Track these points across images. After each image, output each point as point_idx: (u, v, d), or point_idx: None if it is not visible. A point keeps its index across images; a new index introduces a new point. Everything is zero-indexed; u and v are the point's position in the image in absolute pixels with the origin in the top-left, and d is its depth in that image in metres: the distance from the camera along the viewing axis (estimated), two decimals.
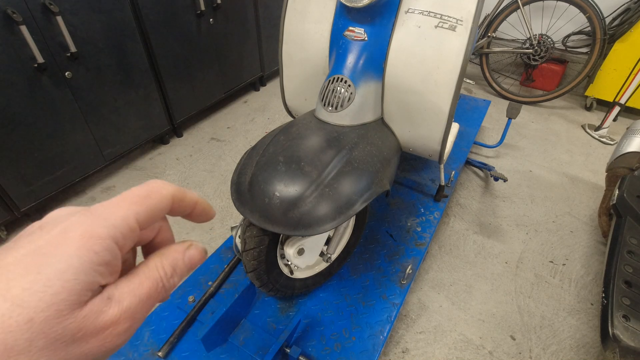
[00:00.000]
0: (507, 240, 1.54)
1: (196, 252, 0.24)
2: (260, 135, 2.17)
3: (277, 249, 0.96)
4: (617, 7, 2.22)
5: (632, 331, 0.86)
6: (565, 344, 1.18)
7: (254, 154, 0.90)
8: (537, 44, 2.39)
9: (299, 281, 1.06)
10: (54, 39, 1.37)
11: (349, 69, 0.96)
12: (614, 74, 2.25)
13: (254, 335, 1.00)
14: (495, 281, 1.37)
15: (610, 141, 2.15)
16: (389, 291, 1.13)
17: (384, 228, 1.35)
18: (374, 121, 1.04)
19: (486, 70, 2.55)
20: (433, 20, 0.92)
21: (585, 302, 1.30)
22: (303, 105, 1.25)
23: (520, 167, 1.95)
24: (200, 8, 1.87)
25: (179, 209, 0.24)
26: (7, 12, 1.21)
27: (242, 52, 2.32)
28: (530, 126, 2.30)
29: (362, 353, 0.99)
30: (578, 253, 1.48)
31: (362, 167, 0.87)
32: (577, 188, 1.82)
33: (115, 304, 0.19)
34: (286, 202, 0.78)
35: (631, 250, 1.05)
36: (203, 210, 0.26)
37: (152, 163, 1.96)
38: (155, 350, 0.97)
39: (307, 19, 1.07)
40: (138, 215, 0.21)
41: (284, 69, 1.20)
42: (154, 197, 0.22)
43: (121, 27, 1.59)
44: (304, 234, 0.79)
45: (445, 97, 0.95)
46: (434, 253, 1.47)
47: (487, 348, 1.17)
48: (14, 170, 1.41)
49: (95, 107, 1.61)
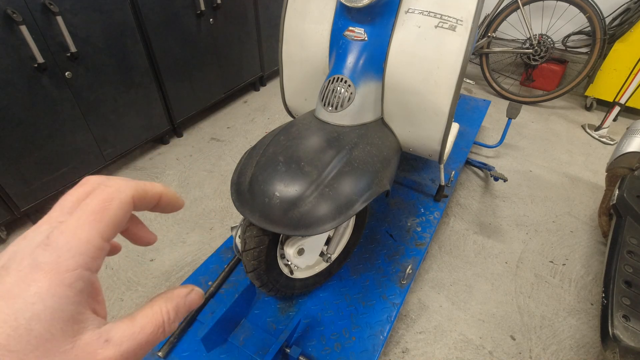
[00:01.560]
0: (507, 240, 1.54)
1: (197, 297, 0.24)
2: (260, 135, 2.17)
3: (277, 249, 0.96)
4: (617, 7, 2.22)
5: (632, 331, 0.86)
6: (565, 344, 1.18)
7: (254, 154, 0.90)
8: (537, 44, 2.39)
9: (299, 281, 1.06)
10: (54, 39, 1.37)
11: (349, 69, 0.96)
12: (614, 74, 2.25)
13: (254, 335, 1.00)
14: (495, 281, 1.37)
15: (610, 141, 2.15)
16: (389, 291, 1.13)
17: (384, 228, 1.35)
18: (374, 121, 1.04)
19: (486, 70, 2.55)
20: (433, 20, 0.92)
21: (585, 302, 1.30)
22: (303, 105, 1.25)
23: (520, 167, 1.95)
24: (200, 8, 1.87)
25: (142, 206, 0.23)
26: (7, 12, 1.21)
27: (242, 52, 2.32)
28: (530, 126, 2.30)
29: (362, 353, 0.99)
30: (578, 253, 1.48)
31: (362, 167, 0.87)
32: (577, 188, 1.82)
33: (113, 346, 0.19)
34: (286, 202, 0.78)
35: (631, 250, 1.05)
36: (169, 201, 0.25)
37: (152, 163, 1.96)
38: (155, 350, 0.97)
39: (307, 19, 1.07)
40: (102, 233, 0.20)
41: (284, 69, 1.20)
42: (113, 207, 0.20)
43: (121, 27, 1.59)
44: (304, 234, 0.79)
45: (445, 97, 0.95)
46: (434, 253, 1.47)
47: (487, 348, 1.17)
48: (14, 170, 1.41)
49: (95, 107, 1.61)
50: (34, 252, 0.18)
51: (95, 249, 0.19)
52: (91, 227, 0.19)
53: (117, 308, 1.27)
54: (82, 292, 0.19)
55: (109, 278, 1.37)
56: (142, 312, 0.21)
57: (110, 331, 0.19)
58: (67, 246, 0.18)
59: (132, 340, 0.20)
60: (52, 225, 0.20)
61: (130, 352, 0.20)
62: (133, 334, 0.20)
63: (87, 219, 0.19)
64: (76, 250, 0.19)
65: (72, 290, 0.18)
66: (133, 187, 0.22)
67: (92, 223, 0.19)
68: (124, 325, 0.20)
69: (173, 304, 0.22)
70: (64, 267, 0.18)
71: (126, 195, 0.21)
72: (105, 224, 0.20)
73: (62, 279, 0.18)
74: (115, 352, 0.19)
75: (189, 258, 1.44)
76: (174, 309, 0.22)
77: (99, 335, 0.19)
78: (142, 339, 0.20)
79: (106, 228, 0.20)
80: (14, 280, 0.17)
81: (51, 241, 0.19)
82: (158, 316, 0.21)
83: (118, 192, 0.21)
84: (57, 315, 0.17)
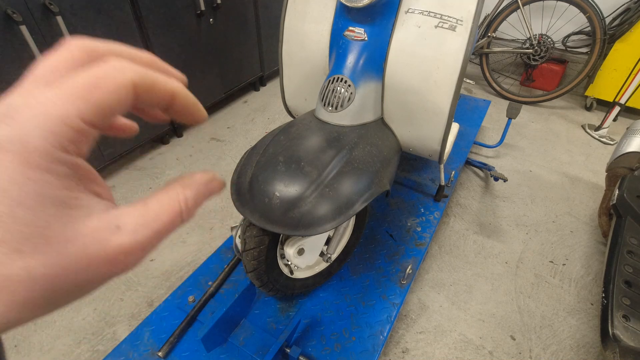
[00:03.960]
0: (507, 240, 1.54)
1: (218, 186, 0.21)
2: (260, 135, 2.17)
3: (277, 249, 0.96)
4: (617, 7, 2.22)
5: (632, 331, 0.86)
6: (565, 344, 1.18)
7: (254, 154, 0.90)
8: (537, 44, 2.39)
9: (299, 281, 1.06)
10: (54, 39, 1.37)
11: (349, 69, 0.96)
12: (614, 74, 2.25)
13: (254, 335, 1.00)
14: (495, 281, 1.37)
15: (610, 141, 2.15)
16: (389, 291, 1.13)
17: (384, 228, 1.35)
18: (374, 121, 1.04)
19: (486, 70, 2.55)
20: (433, 20, 0.92)
21: (585, 302, 1.30)
22: (303, 105, 1.25)
23: (520, 167, 1.95)
24: (200, 8, 1.87)
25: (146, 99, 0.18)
26: (7, 12, 1.21)
27: (242, 52, 2.32)
28: (530, 126, 2.30)
29: (362, 353, 0.99)
30: (578, 253, 1.48)
31: (362, 167, 0.87)
32: (577, 188, 1.82)
33: (127, 234, 0.17)
34: (286, 202, 0.78)
35: (631, 250, 1.05)
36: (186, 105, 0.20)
37: (152, 163, 1.96)
38: (155, 351, 0.97)
39: (307, 19, 1.07)
40: (82, 113, 0.16)
41: (284, 69, 1.20)
42: (105, 88, 0.16)
43: (121, 27, 1.59)
44: (304, 234, 0.79)
45: (445, 97, 0.95)
46: (434, 253, 1.47)
47: (487, 348, 1.17)
48: None
49: None
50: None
51: (72, 130, 0.15)
52: (69, 104, 0.15)
53: (117, 308, 1.27)
54: (67, 177, 0.16)
55: None
56: (156, 198, 0.19)
57: (121, 217, 0.17)
58: (33, 121, 0.15)
59: (147, 228, 0.17)
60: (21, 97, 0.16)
61: (145, 241, 0.17)
62: (147, 222, 0.18)
63: (66, 93, 0.15)
64: (45, 127, 0.15)
65: (52, 175, 0.15)
66: (137, 71, 0.17)
67: (71, 99, 0.15)
68: (136, 212, 0.18)
69: (193, 191, 0.19)
70: (32, 147, 0.15)
71: (125, 78, 0.17)
72: (90, 105, 0.16)
73: (32, 160, 0.15)
74: (130, 240, 0.17)
75: (189, 258, 1.44)
76: (193, 197, 0.19)
77: (108, 221, 0.17)
78: (157, 227, 0.18)
79: (90, 109, 0.16)
80: None
81: (14, 114, 0.15)
82: (175, 203, 0.19)
83: (117, 71, 0.17)
84: (41, 200, 0.15)
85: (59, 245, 0.15)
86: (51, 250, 0.15)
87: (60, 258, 0.15)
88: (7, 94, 0.16)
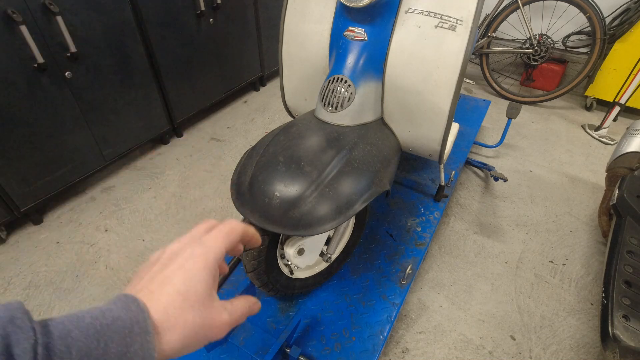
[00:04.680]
0: (507, 240, 1.54)
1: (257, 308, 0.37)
2: (260, 135, 2.17)
3: (277, 249, 0.96)
4: (617, 7, 2.22)
5: (632, 331, 0.86)
6: (565, 344, 1.18)
7: (254, 154, 0.90)
8: (537, 44, 2.39)
9: (299, 281, 1.06)
10: (54, 39, 1.37)
11: (349, 69, 0.96)
12: (614, 74, 2.25)
13: (254, 335, 1.00)
14: (495, 281, 1.37)
15: (610, 141, 2.15)
16: (389, 291, 1.13)
17: (384, 228, 1.35)
18: (374, 121, 1.04)
19: (486, 70, 2.55)
20: (433, 20, 0.92)
21: (585, 302, 1.30)
22: (303, 105, 1.25)
23: (520, 167, 1.95)
24: (200, 8, 1.87)
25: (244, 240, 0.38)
26: (7, 12, 1.21)
27: (242, 52, 2.32)
28: (530, 126, 2.30)
29: (362, 353, 0.99)
30: (578, 253, 1.48)
31: (362, 167, 0.87)
32: (577, 188, 1.82)
33: (229, 314, 0.32)
34: (286, 202, 0.78)
35: (631, 250, 1.05)
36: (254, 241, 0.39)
37: (152, 163, 1.96)
38: None
39: (307, 19, 1.07)
40: (227, 246, 0.34)
41: (284, 68, 1.20)
42: (234, 234, 0.35)
43: (121, 27, 1.59)
44: (304, 234, 0.79)
45: (445, 97, 0.95)
46: (434, 253, 1.47)
47: (487, 348, 1.17)
48: (14, 170, 1.41)
49: (95, 107, 1.61)
50: (192, 246, 0.32)
51: (222, 254, 0.33)
52: (223, 241, 0.33)
53: None
54: (214, 276, 0.31)
55: (109, 278, 1.37)
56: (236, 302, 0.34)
57: (225, 305, 0.32)
58: (212, 246, 0.32)
59: (235, 315, 0.33)
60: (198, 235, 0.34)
61: (234, 321, 0.32)
62: (236, 312, 0.33)
63: (222, 236, 0.34)
64: (215, 250, 0.32)
65: (211, 274, 0.31)
66: (244, 227, 0.37)
67: (223, 239, 0.34)
68: (231, 306, 0.33)
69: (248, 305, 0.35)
70: (211, 258, 0.31)
71: (240, 229, 0.36)
72: (229, 242, 0.34)
73: (207, 264, 0.31)
74: (229, 318, 0.32)
75: None
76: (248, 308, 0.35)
77: (222, 305, 0.32)
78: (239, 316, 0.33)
79: (229, 244, 0.34)
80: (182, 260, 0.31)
81: (203, 242, 0.33)
82: (245, 306, 0.35)
83: (237, 226, 0.36)
84: (206, 284, 0.30)
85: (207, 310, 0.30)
86: (205, 311, 0.30)
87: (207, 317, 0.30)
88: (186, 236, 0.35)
